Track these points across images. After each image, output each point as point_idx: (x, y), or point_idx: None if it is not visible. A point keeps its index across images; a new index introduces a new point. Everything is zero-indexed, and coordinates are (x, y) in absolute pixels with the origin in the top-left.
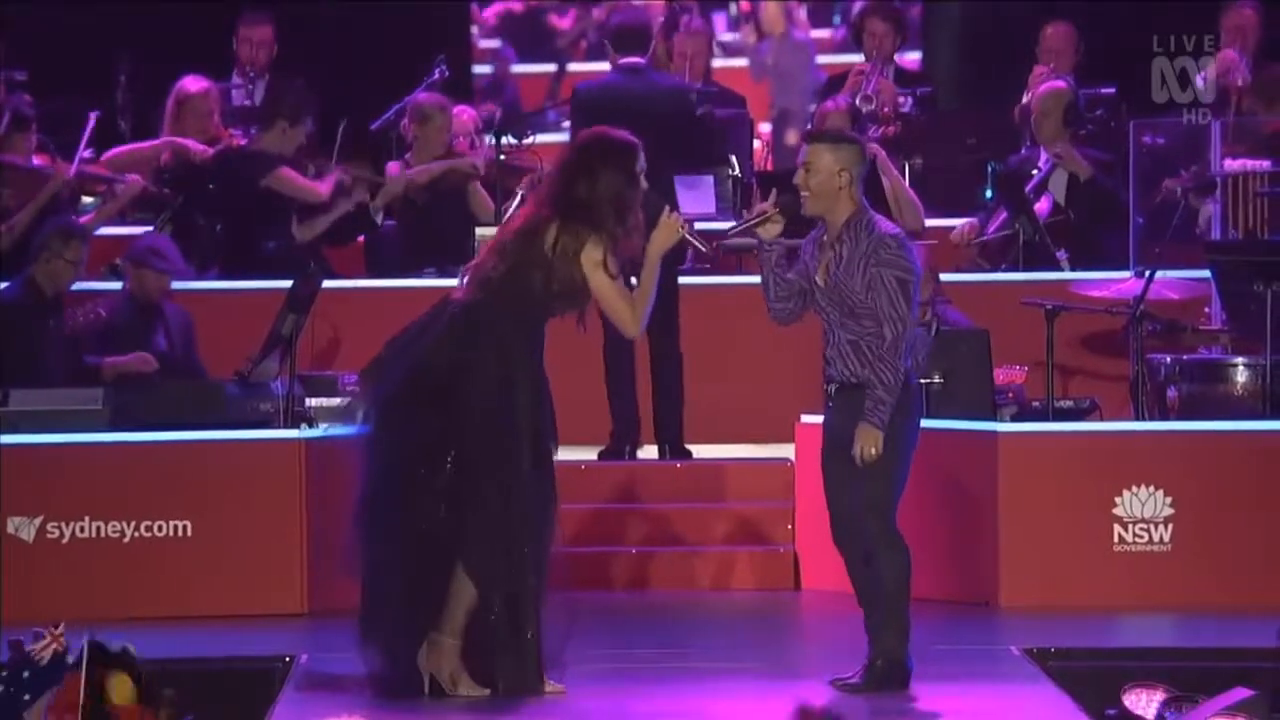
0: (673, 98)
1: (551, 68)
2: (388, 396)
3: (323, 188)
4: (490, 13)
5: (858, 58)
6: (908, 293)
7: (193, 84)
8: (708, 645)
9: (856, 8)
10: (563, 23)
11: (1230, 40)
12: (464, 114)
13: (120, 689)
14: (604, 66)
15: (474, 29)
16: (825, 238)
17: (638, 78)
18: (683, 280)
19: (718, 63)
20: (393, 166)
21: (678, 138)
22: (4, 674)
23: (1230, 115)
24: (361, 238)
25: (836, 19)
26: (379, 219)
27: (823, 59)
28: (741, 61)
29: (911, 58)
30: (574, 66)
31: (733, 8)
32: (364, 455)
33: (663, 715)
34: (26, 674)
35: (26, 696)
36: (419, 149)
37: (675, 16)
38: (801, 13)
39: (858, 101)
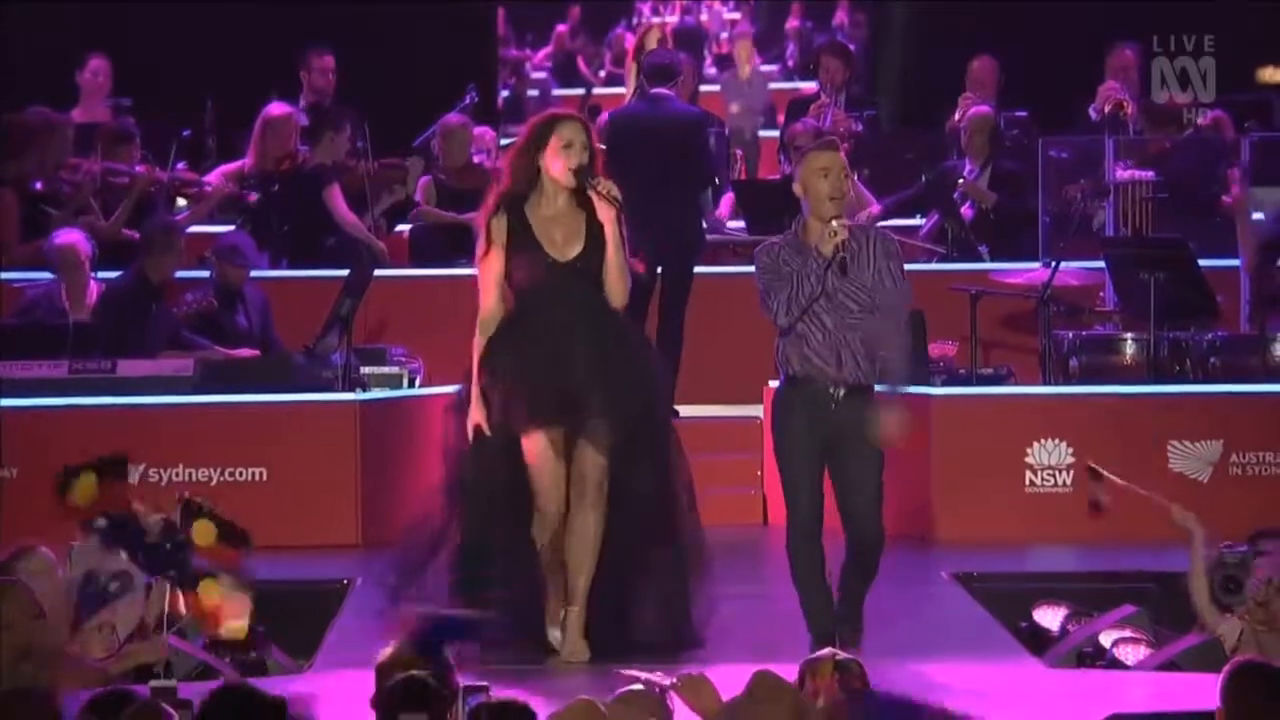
0: (683, 122)
1: (580, 91)
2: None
3: (351, 219)
4: (540, 56)
5: (795, 85)
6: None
7: (276, 109)
8: None
9: (791, 49)
10: (585, 68)
11: (1114, 75)
12: (486, 134)
13: (203, 533)
14: (618, 90)
15: (527, 65)
16: (827, 244)
17: (658, 105)
18: None
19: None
20: (424, 180)
21: (686, 156)
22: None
23: (1123, 134)
24: (407, 230)
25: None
26: (414, 194)
27: (772, 85)
28: (715, 87)
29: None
30: (597, 90)
31: (706, 52)
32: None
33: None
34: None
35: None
36: (444, 158)
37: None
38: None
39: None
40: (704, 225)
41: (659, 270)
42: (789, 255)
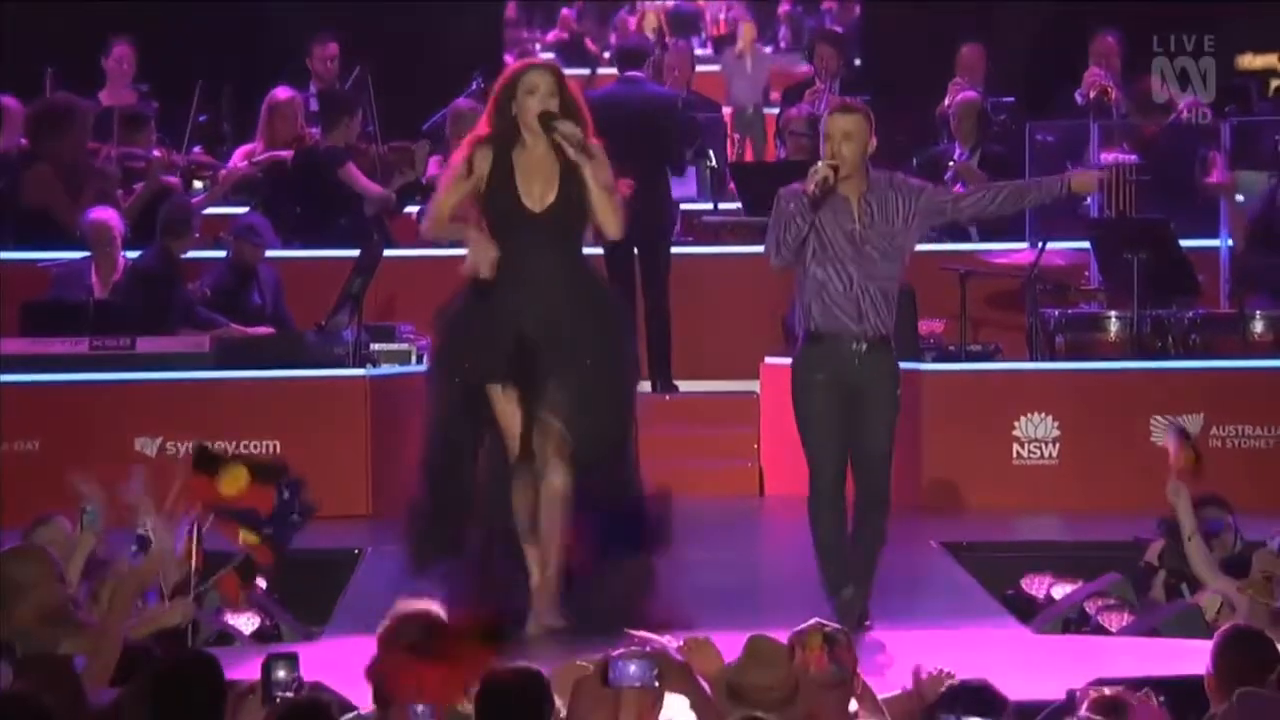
0: (660, 103)
1: (586, 71)
2: None
3: (374, 188)
4: (550, 37)
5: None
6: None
7: (282, 93)
8: (697, 539)
9: (782, 32)
10: (593, 46)
11: (1096, 61)
12: None
13: (233, 481)
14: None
15: (537, 46)
16: (844, 198)
17: (633, 87)
18: (674, 250)
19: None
20: (435, 159)
21: (664, 136)
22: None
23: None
24: (415, 210)
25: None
26: (422, 180)
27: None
28: (714, 67)
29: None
30: (601, 70)
31: (702, 34)
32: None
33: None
34: None
35: None
36: (455, 141)
37: (663, 40)
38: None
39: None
40: (676, 203)
41: (635, 251)
42: (798, 202)
